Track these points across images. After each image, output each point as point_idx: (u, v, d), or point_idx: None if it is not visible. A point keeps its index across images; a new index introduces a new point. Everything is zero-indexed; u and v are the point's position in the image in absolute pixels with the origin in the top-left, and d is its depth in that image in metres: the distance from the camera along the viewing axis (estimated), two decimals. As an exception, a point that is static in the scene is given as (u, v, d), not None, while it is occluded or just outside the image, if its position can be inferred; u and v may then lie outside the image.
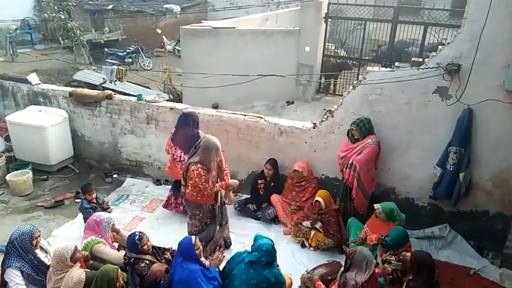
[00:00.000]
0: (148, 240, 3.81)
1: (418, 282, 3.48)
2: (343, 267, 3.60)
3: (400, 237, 4.05)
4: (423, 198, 5.14)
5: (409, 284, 3.55)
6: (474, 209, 4.96)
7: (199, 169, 4.23)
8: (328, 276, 4.05)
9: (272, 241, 3.65)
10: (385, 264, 3.89)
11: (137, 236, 3.76)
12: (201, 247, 3.65)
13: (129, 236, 3.86)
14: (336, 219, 4.92)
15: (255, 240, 3.68)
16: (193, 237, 3.65)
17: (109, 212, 4.79)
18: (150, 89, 10.30)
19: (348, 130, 4.90)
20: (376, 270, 3.66)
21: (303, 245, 5.01)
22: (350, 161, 4.78)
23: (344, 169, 4.90)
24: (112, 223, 4.22)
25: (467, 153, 4.61)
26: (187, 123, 5.12)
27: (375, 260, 3.53)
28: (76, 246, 3.60)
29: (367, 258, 3.42)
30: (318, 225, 4.87)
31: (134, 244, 3.73)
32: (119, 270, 3.46)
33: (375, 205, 4.55)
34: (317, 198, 4.87)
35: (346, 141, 4.98)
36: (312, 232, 4.91)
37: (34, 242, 3.67)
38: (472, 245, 4.97)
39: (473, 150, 4.65)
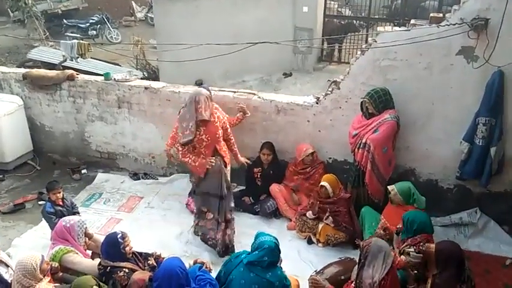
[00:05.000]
0: (130, 241, 3.83)
1: (445, 277, 3.49)
2: (357, 265, 3.62)
3: (420, 219, 4.02)
4: (449, 179, 5.16)
5: (434, 280, 3.57)
6: (509, 188, 4.99)
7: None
8: (341, 275, 4.07)
9: (276, 239, 3.66)
10: (402, 256, 3.91)
11: (120, 234, 3.77)
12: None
13: (107, 236, 3.86)
14: (347, 208, 4.93)
15: (255, 237, 3.71)
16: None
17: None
18: (119, 65, 10.19)
19: (361, 102, 4.86)
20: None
21: (309, 241, 5.03)
22: (363, 140, 4.76)
23: (356, 150, 4.88)
24: (85, 227, 4.21)
25: (499, 124, 4.60)
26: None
27: (392, 253, 3.54)
28: (43, 256, 3.59)
29: (383, 249, 3.43)
30: (329, 220, 4.87)
31: (115, 244, 3.73)
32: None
33: (389, 186, 4.58)
34: (322, 183, 4.87)
35: (359, 117, 4.95)
36: (320, 225, 4.93)
37: (-7, 254, 3.64)
38: (506, 231, 5.01)
39: (505, 120, 4.65)
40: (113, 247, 3.74)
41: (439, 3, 9.83)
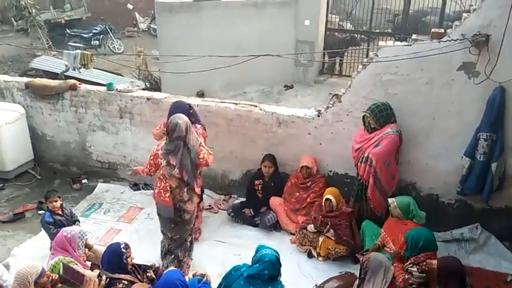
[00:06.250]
0: (132, 252, 3.83)
1: (446, 293, 3.48)
2: (358, 279, 3.60)
3: (425, 236, 4.00)
4: (449, 194, 5.14)
5: (435, 296, 3.56)
6: (510, 204, 4.97)
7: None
8: (342, 290, 4.05)
9: (277, 252, 3.64)
10: (405, 276, 3.89)
11: (123, 244, 3.77)
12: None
13: (109, 246, 3.84)
14: (349, 222, 4.92)
15: (256, 251, 3.69)
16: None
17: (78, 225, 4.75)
18: (122, 76, 10.24)
19: (363, 117, 4.88)
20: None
21: (310, 255, 4.99)
22: (365, 154, 4.76)
23: (359, 164, 4.88)
24: (85, 238, 4.19)
25: (500, 140, 4.60)
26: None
27: (392, 267, 3.53)
28: (43, 268, 3.56)
29: (383, 264, 3.42)
30: (330, 233, 4.84)
31: (118, 254, 3.72)
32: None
33: (389, 199, 4.57)
34: (327, 196, 4.85)
35: (361, 131, 4.95)
36: (321, 239, 4.90)
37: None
38: (507, 247, 4.99)
39: (506, 136, 4.64)
40: (115, 257, 3.73)
41: (440, 19, 9.88)
